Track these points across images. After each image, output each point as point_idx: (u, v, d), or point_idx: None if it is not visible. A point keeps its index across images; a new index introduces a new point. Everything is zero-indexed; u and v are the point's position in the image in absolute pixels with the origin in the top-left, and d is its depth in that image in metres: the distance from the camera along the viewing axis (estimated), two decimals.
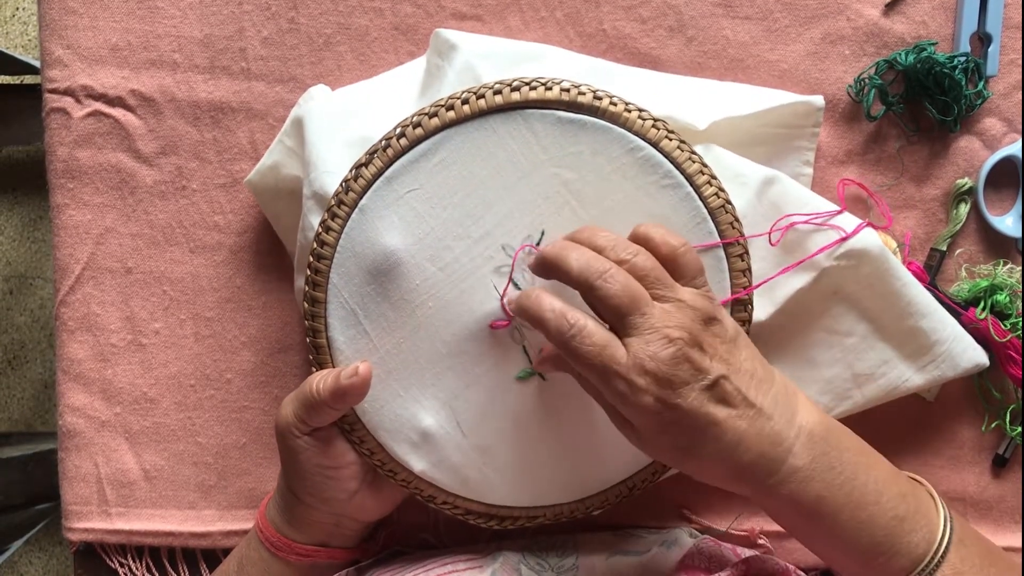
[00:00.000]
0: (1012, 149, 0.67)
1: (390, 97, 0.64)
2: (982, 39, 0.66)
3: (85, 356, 0.70)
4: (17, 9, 1.58)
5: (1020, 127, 0.67)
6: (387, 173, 0.57)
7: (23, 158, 1.57)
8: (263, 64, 0.68)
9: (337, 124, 0.61)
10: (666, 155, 0.56)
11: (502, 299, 0.57)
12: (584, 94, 0.56)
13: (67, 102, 0.69)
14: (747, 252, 0.58)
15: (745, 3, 0.67)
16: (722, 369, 0.49)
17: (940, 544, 0.50)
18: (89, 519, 0.71)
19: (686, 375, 0.48)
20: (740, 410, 0.49)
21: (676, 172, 0.56)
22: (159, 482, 0.71)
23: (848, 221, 0.61)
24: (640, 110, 0.56)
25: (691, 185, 0.56)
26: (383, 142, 0.57)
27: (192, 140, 0.69)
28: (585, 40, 0.67)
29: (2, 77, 1.52)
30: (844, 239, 0.60)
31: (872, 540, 0.50)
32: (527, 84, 0.56)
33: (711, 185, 0.56)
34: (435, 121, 0.56)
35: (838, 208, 0.61)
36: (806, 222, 0.61)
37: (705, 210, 0.56)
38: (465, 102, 0.56)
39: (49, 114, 0.69)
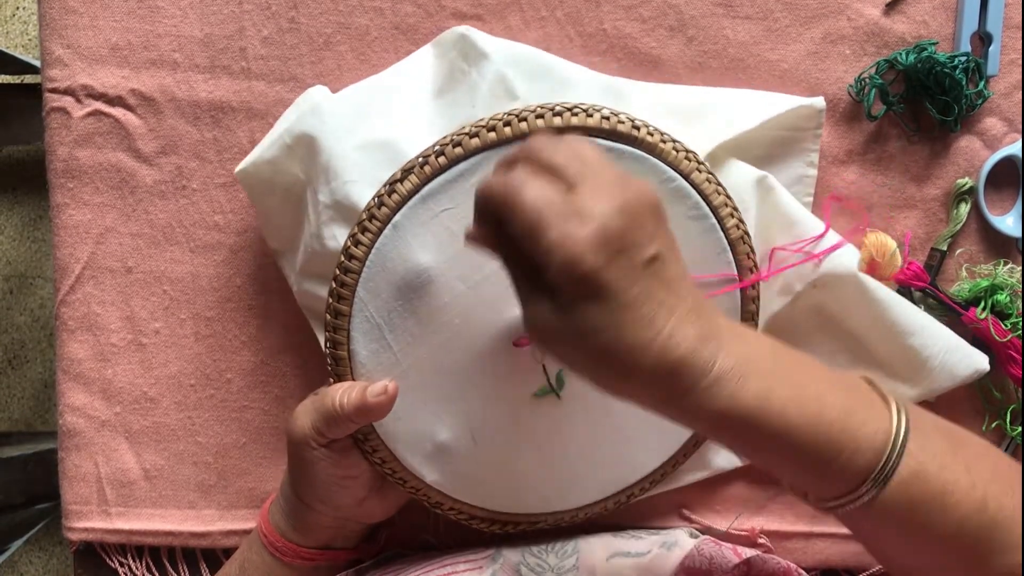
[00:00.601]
0: (1012, 149, 0.67)
1: (404, 98, 0.63)
2: (983, 39, 0.66)
3: (85, 356, 0.70)
4: (17, 8, 1.58)
5: (1020, 127, 0.67)
6: (423, 191, 0.56)
7: (23, 157, 1.57)
8: (263, 64, 0.68)
9: (354, 130, 0.61)
10: (695, 187, 0.57)
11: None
12: (623, 123, 0.56)
13: (67, 101, 0.69)
14: (757, 282, 0.59)
15: (745, 3, 0.67)
16: (663, 248, 0.44)
17: (898, 434, 0.44)
18: (89, 519, 0.71)
19: (629, 239, 0.42)
20: (675, 299, 0.43)
21: (703, 204, 0.57)
22: (159, 482, 0.71)
23: (831, 240, 0.61)
24: (674, 141, 0.57)
25: (716, 217, 0.57)
26: (420, 159, 0.56)
27: (192, 140, 0.69)
28: (585, 40, 0.67)
29: (2, 76, 1.52)
30: (811, 258, 0.61)
31: (827, 438, 0.44)
32: (569, 110, 0.56)
33: (733, 217, 0.58)
34: (475, 141, 0.56)
35: (821, 230, 0.62)
36: (795, 251, 0.61)
37: (726, 241, 0.58)
38: (507, 124, 0.56)
39: (49, 113, 0.69)
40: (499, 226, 0.45)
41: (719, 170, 0.61)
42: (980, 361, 0.64)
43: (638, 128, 0.56)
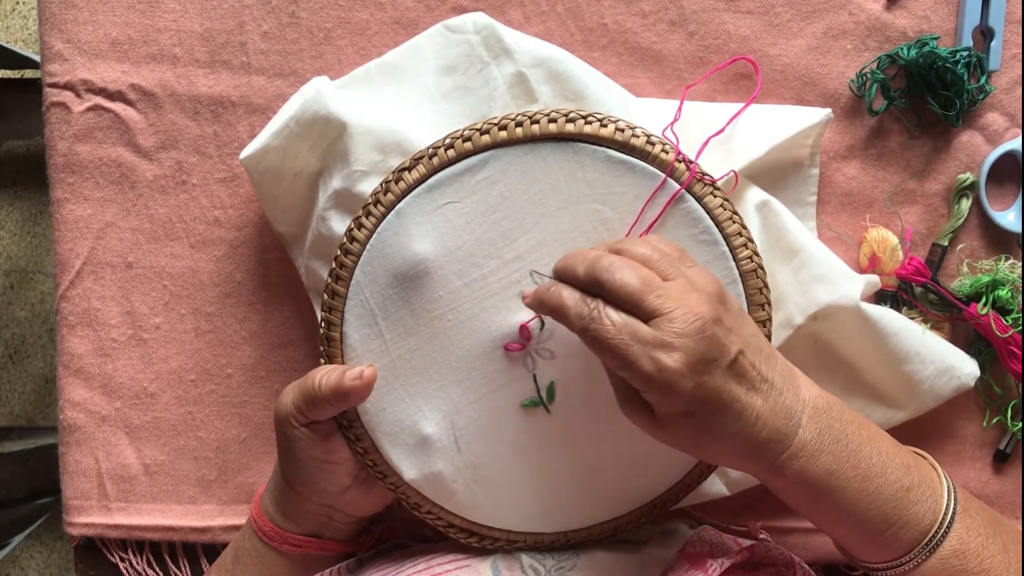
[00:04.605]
0: (1014, 144, 0.67)
1: (411, 78, 0.63)
2: (984, 34, 0.66)
3: (85, 351, 0.70)
4: (17, 3, 1.57)
5: (1022, 122, 0.67)
6: (429, 181, 0.57)
7: (23, 152, 1.56)
8: (263, 58, 0.68)
9: (368, 112, 0.61)
10: (708, 211, 0.56)
11: (522, 324, 0.58)
12: (638, 137, 0.56)
13: (67, 96, 0.69)
14: (771, 319, 0.58)
15: None
16: (739, 344, 0.48)
17: (946, 515, 0.50)
18: (89, 514, 0.71)
19: (714, 352, 0.47)
20: (756, 386, 0.49)
21: (715, 229, 0.56)
22: (159, 477, 0.71)
23: (838, 272, 0.61)
24: (690, 162, 0.56)
25: (727, 245, 0.56)
26: (430, 150, 0.57)
27: (192, 134, 0.69)
28: (586, 34, 0.67)
29: (2, 71, 1.52)
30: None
31: (880, 513, 0.50)
32: (583, 118, 0.56)
33: (747, 248, 0.57)
34: (486, 138, 0.56)
35: (824, 258, 0.62)
36: None
37: (737, 271, 0.57)
38: (519, 124, 0.56)
39: (49, 108, 0.69)
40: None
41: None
42: (966, 376, 0.64)
43: (653, 144, 0.56)
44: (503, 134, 0.56)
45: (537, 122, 0.56)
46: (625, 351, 0.47)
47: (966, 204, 0.67)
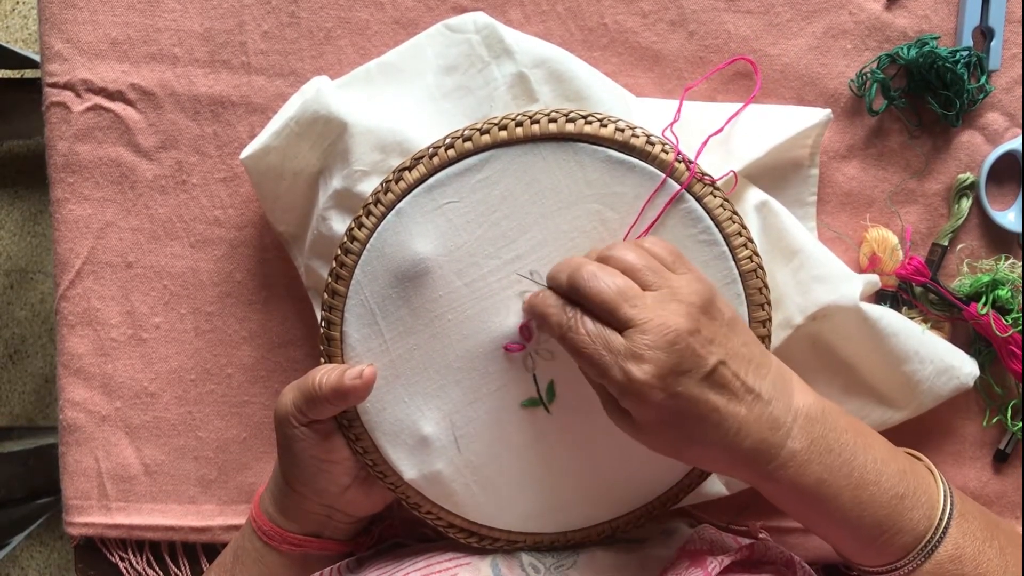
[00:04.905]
0: (1014, 144, 0.67)
1: (411, 78, 0.63)
2: (984, 33, 0.66)
3: (85, 351, 0.70)
4: (17, 3, 1.57)
5: (1022, 122, 0.67)
6: (429, 181, 0.57)
7: (23, 152, 1.56)
8: (263, 58, 0.68)
9: (368, 112, 0.61)
10: (708, 211, 0.56)
11: (522, 324, 0.58)
12: (638, 137, 0.56)
13: (67, 96, 0.69)
14: (770, 319, 0.58)
15: None
16: (720, 354, 0.48)
17: (941, 520, 0.51)
18: (89, 514, 0.71)
19: (687, 363, 0.47)
20: (739, 396, 0.49)
21: (715, 229, 0.56)
22: (159, 476, 0.71)
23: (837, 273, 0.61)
24: (690, 162, 0.56)
25: (727, 245, 0.56)
26: (430, 150, 0.57)
27: (192, 134, 0.69)
28: (586, 34, 0.67)
29: (2, 71, 1.52)
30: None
31: (874, 519, 0.50)
32: (583, 118, 0.56)
33: (747, 248, 0.57)
34: (486, 138, 0.56)
35: (823, 258, 0.62)
36: None
37: (736, 271, 0.57)
38: (519, 124, 0.56)
39: (49, 108, 0.69)
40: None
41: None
42: (966, 376, 0.64)
43: (652, 144, 0.56)
44: (503, 134, 0.56)
45: (537, 122, 0.56)
46: (599, 360, 0.48)
47: (966, 204, 0.67)
